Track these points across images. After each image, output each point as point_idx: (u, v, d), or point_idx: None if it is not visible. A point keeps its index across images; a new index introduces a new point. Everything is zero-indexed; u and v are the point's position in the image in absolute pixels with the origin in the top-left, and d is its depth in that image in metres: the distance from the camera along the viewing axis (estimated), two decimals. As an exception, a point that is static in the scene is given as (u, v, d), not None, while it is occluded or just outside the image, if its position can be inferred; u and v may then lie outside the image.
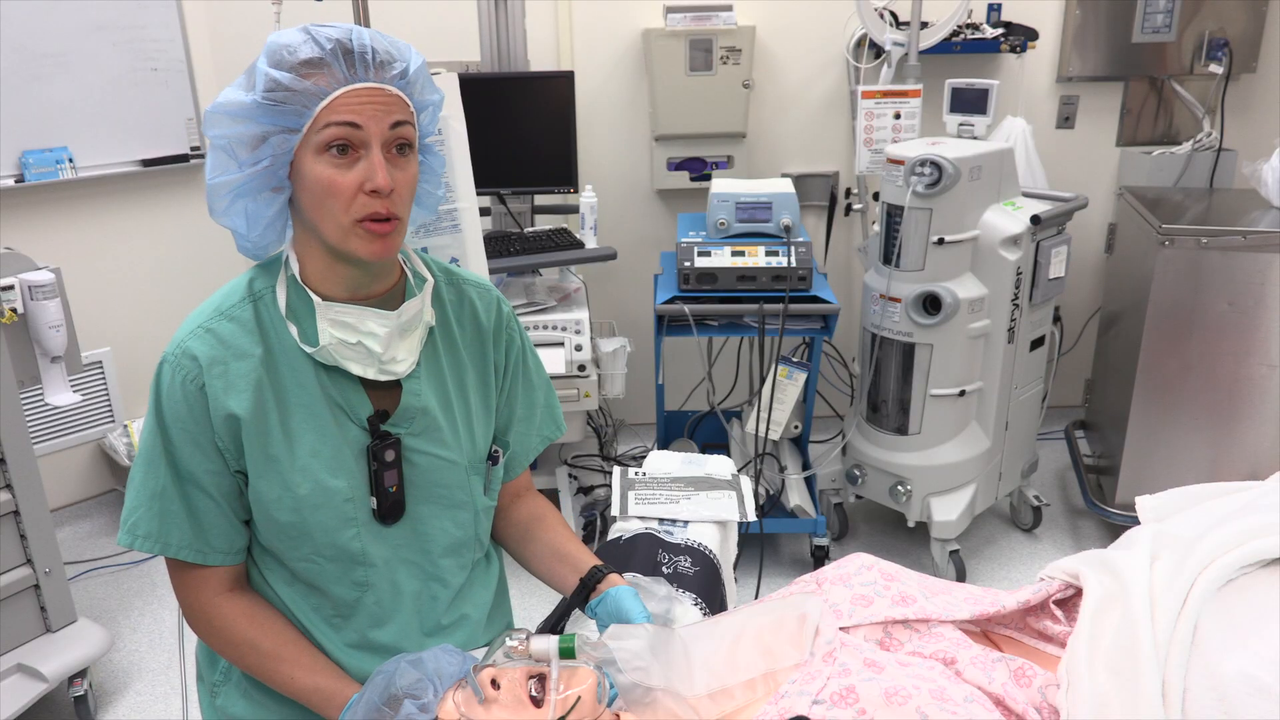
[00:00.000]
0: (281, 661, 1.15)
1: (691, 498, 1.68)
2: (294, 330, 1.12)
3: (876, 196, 2.83)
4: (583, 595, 1.24)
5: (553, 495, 2.96)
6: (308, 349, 1.11)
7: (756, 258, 2.55)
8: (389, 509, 1.17)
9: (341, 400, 1.14)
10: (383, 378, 1.14)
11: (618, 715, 1.03)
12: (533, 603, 2.47)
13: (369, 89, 1.03)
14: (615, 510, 1.66)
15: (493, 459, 1.29)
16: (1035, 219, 2.48)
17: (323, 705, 1.13)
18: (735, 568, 1.72)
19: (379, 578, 1.19)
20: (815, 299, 2.54)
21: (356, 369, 1.12)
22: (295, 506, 1.13)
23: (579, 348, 2.65)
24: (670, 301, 2.57)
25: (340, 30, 1.04)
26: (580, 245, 2.75)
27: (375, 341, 1.11)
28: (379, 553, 1.18)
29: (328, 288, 1.12)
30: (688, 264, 2.56)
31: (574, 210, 2.99)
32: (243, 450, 1.11)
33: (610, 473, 2.51)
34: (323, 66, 1.02)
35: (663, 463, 1.84)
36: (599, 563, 1.27)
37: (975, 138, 2.70)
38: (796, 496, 2.77)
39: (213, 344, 1.10)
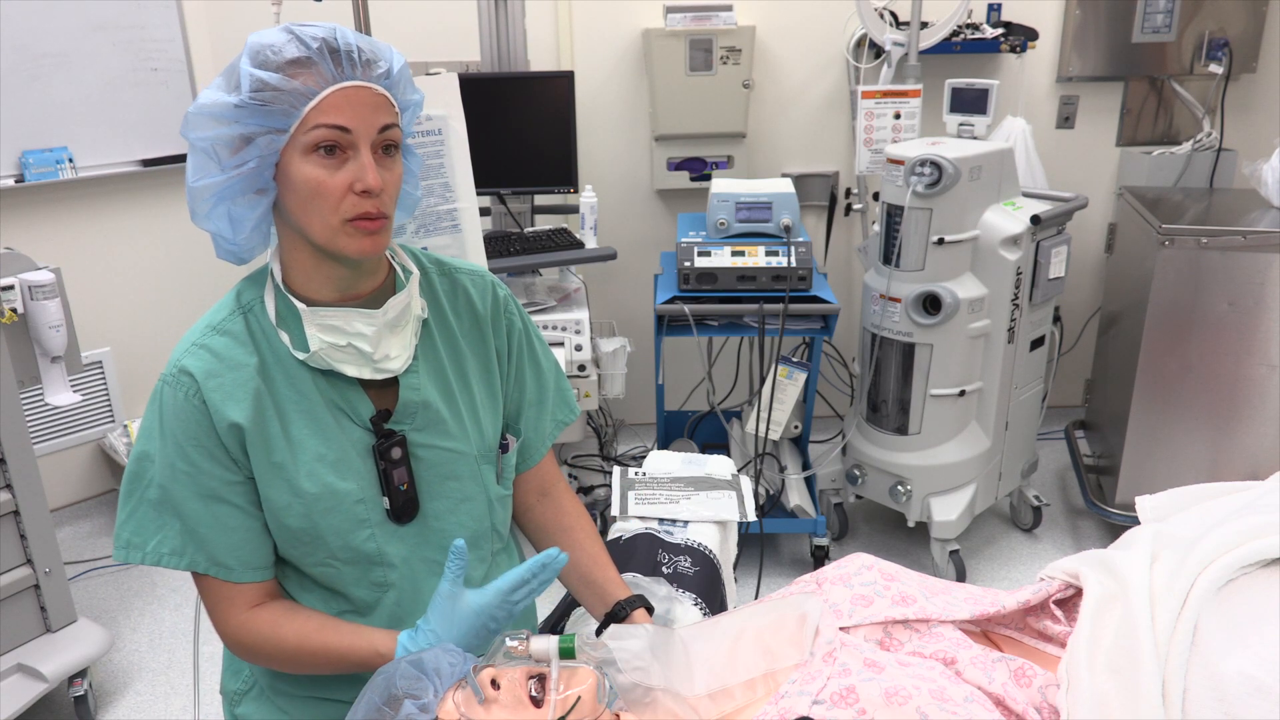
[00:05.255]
0: (313, 654, 1.13)
1: (691, 498, 1.68)
2: (285, 338, 1.11)
3: (876, 196, 2.83)
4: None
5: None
6: (300, 355, 1.11)
7: (756, 258, 2.55)
8: (402, 507, 1.17)
9: (342, 403, 1.14)
10: (379, 376, 1.14)
11: (618, 715, 1.03)
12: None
13: (356, 88, 1.03)
14: (615, 510, 1.66)
15: (503, 447, 1.29)
16: (1035, 219, 2.48)
17: (370, 659, 1.11)
18: (735, 568, 1.72)
19: (399, 577, 1.19)
20: (815, 299, 2.54)
21: (351, 370, 1.12)
22: (305, 512, 1.12)
23: (579, 348, 2.65)
24: (670, 301, 2.57)
25: (324, 29, 1.03)
26: (580, 245, 2.75)
27: (364, 341, 1.11)
28: (397, 552, 1.18)
29: (315, 290, 1.12)
30: (688, 264, 2.56)
31: (574, 210, 2.99)
32: (249, 460, 1.11)
33: (610, 473, 2.51)
34: (310, 66, 1.01)
35: (663, 463, 1.84)
36: (625, 595, 1.25)
37: (975, 138, 2.70)
38: (796, 496, 2.77)
39: (207, 359, 1.10)
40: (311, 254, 1.10)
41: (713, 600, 1.45)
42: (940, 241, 2.44)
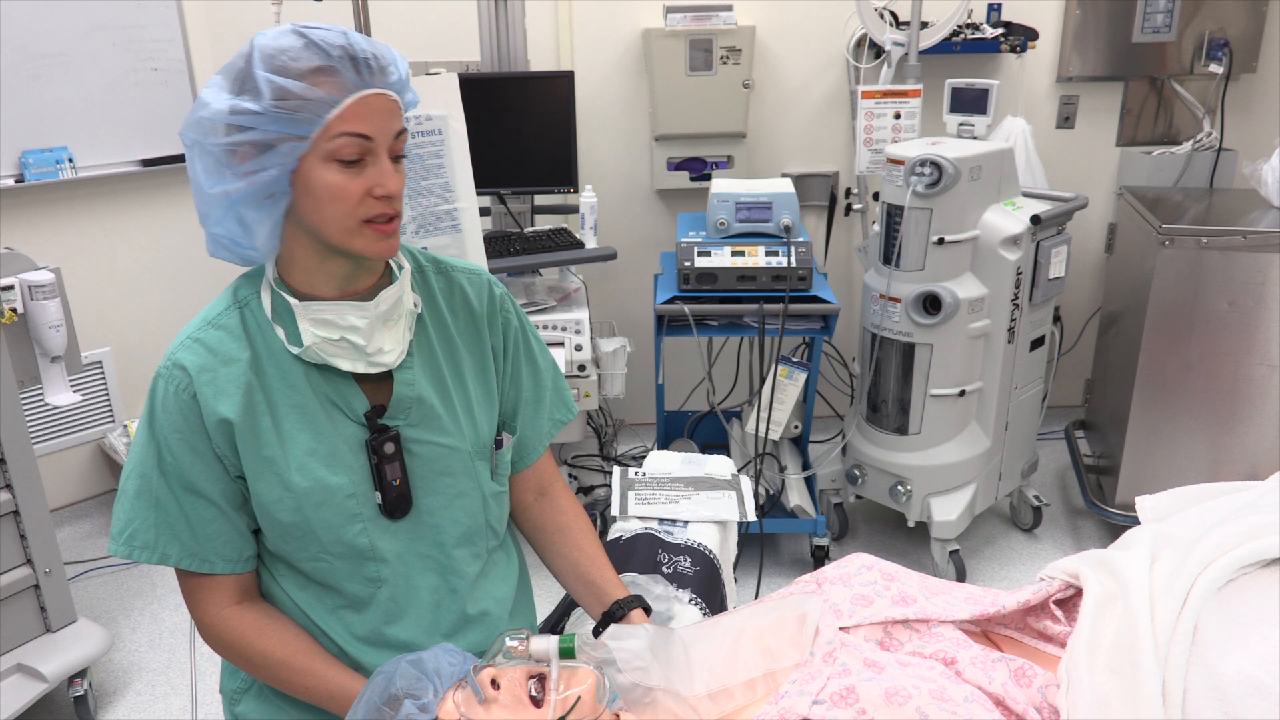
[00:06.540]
0: (295, 672, 1.15)
1: (691, 498, 1.68)
2: (280, 332, 1.12)
3: (876, 196, 2.83)
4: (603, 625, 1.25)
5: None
6: (294, 350, 1.12)
7: (756, 258, 2.55)
8: (395, 503, 1.17)
9: (336, 397, 1.14)
10: (372, 370, 1.14)
11: (618, 715, 1.03)
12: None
13: (376, 95, 1.04)
14: (615, 510, 1.66)
15: (498, 443, 1.29)
16: (1035, 219, 2.48)
17: (341, 709, 1.13)
18: (735, 568, 1.72)
19: (393, 573, 1.19)
20: (815, 299, 2.54)
21: (345, 364, 1.12)
22: (296, 506, 1.13)
23: (579, 348, 2.65)
24: (670, 301, 2.57)
25: (335, 34, 1.03)
26: (580, 245, 2.75)
27: (358, 335, 1.12)
28: (390, 548, 1.18)
29: (315, 286, 1.12)
30: (688, 264, 2.56)
31: (574, 210, 2.99)
32: (239, 455, 1.12)
33: (610, 473, 2.51)
34: (332, 74, 1.01)
35: (663, 463, 1.84)
36: (622, 595, 1.26)
37: (975, 138, 2.69)
38: (796, 496, 2.77)
39: (201, 353, 1.11)
40: (317, 251, 1.10)
41: (713, 600, 1.45)
42: (940, 241, 2.44)
